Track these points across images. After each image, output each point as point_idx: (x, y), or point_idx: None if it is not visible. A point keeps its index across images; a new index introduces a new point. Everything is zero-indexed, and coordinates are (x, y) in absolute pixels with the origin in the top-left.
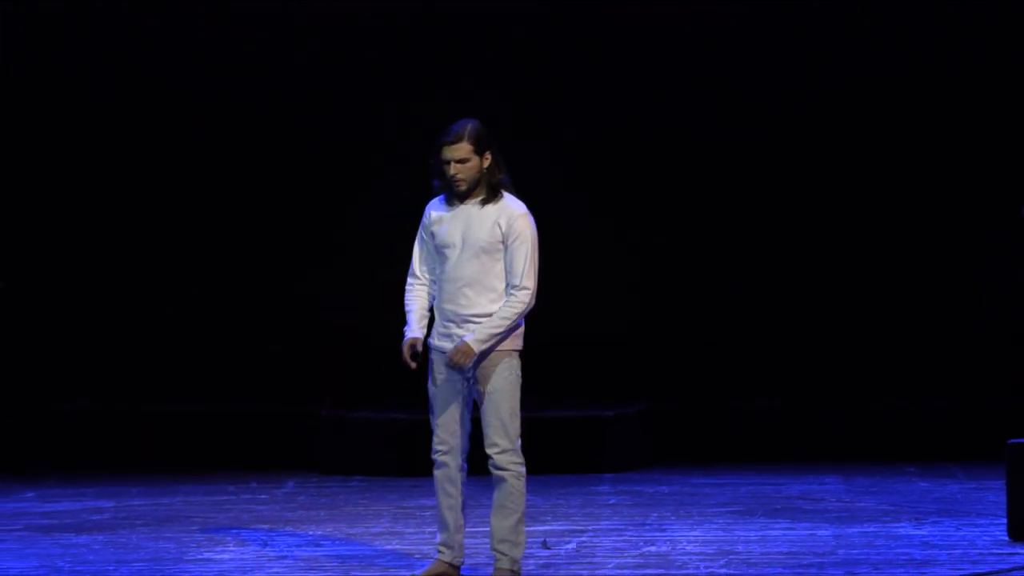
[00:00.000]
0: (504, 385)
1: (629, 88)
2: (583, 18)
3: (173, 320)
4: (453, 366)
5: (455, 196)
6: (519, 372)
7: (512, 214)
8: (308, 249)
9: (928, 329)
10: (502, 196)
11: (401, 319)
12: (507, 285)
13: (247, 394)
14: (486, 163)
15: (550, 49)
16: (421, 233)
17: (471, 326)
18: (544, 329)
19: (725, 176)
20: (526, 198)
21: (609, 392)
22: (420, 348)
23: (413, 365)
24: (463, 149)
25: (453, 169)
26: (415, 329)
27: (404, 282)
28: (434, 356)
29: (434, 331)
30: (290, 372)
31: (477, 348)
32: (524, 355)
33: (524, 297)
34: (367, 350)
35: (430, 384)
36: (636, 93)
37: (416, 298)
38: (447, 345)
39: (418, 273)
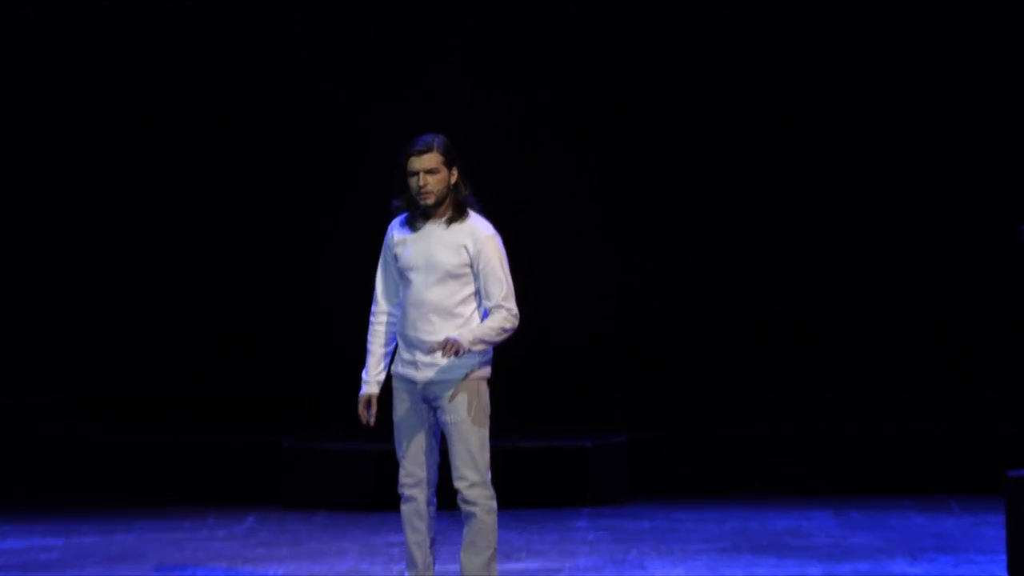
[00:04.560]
0: (472, 415)
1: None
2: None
3: (128, 346)
4: (431, 352)
5: (419, 215)
6: (487, 400)
7: (479, 236)
8: (273, 274)
9: (924, 354)
10: (468, 215)
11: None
12: (487, 307)
13: (206, 423)
14: (453, 178)
15: (549, 49)
16: (383, 256)
17: (437, 354)
18: (518, 353)
19: (725, 194)
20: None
21: (587, 421)
22: (375, 405)
23: (371, 422)
24: (433, 159)
25: (421, 180)
26: (371, 382)
27: (367, 310)
28: (397, 385)
29: (397, 359)
30: (252, 400)
31: (466, 344)
32: (493, 382)
33: (512, 315)
34: (331, 376)
35: (394, 414)
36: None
37: (376, 336)
38: (411, 373)
39: (381, 301)
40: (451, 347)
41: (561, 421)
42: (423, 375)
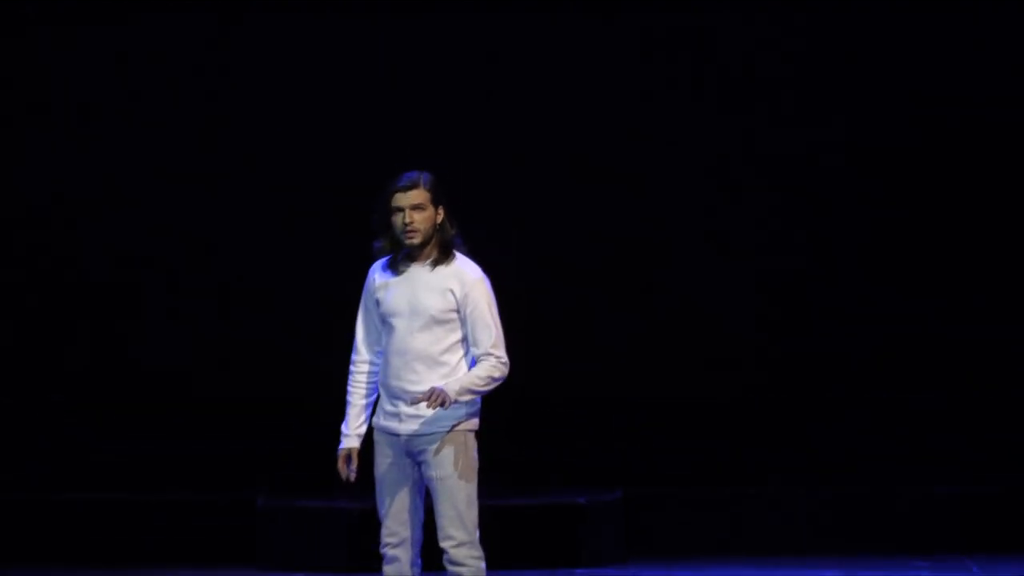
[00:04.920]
0: (459, 469)
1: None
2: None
3: (87, 398)
4: (415, 403)
5: (403, 256)
6: (475, 454)
7: (466, 279)
8: (246, 320)
9: (944, 399)
10: (454, 257)
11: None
12: (475, 356)
13: (174, 479)
14: (439, 218)
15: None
16: (364, 301)
17: (421, 406)
18: (506, 402)
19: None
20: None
21: (581, 476)
22: (356, 459)
23: (352, 478)
24: (419, 195)
25: (407, 217)
26: (352, 436)
27: (349, 355)
28: (379, 438)
29: (379, 410)
30: (223, 455)
31: (452, 395)
32: (480, 434)
33: (501, 363)
34: (308, 428)
35: (376, 469)
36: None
37: (357, 387)
38: (394, 425)
39: (362, 349)
40: (436, 398)
41: (553, 476)
42: (407, 427)
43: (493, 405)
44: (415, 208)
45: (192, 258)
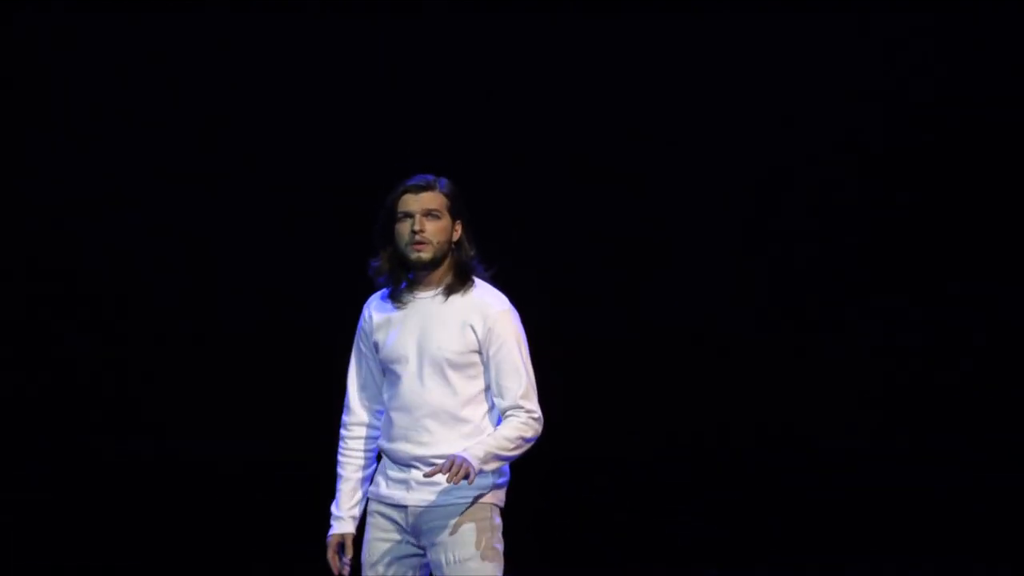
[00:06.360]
0: (483, 551)
1: None
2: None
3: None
4: (431, 475)
5: (405, 286)
6: (500, 535)
7: (489, 311)
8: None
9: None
10: (473, 284)
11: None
12: (501, 410)
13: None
14: (456, 234)
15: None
16: (359, 344)
17: (439, 476)
18: (547, 462)
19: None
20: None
21: (658, 557)
22: (351, 548)
23: (345, 572)
24: (434, 199)
25: (417, 224)
26: (345, 518)
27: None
28: (378, 509)
29: (379, 476)
30: (206, 535)
31: (477, 465)
32: (507, 510)
33: (533, 419)
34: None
35: (367, 551)
36: None
37: (350, 457)
38: (401, 495)
39: (356, 408)
40: (458, 470)
41: (612, 559)
42: (417, 498)
43: (521, 467)
44: (428, 215)
45: (192, 258)
